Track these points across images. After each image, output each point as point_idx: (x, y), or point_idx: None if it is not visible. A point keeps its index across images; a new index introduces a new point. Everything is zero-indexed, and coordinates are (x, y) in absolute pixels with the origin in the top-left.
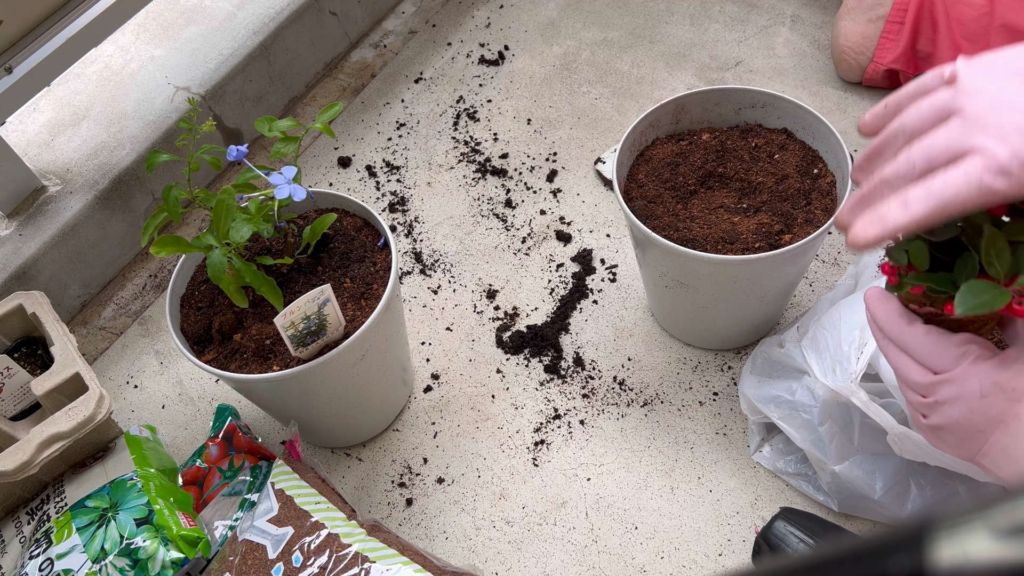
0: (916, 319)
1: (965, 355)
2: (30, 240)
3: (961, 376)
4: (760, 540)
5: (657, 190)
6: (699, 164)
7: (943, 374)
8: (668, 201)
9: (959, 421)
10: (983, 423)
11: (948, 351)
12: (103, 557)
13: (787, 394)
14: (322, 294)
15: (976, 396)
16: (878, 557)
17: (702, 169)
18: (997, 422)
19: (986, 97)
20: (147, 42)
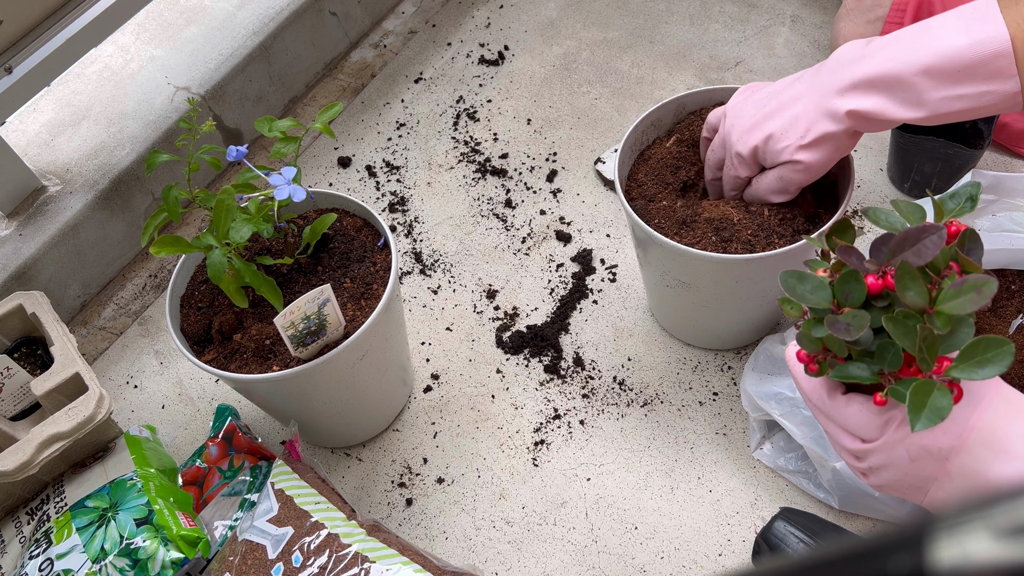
0: (837, 388)
1: (889, 423)
2: (30, 240)
3: (888, 444)
4: (760, 540)
5: (657, 189)
6: (700, 163)
7: (871, 443)
8: (669, 200)
9: (897, 482)
10: (919, 482)
11: (871, 420)
12: (103, 557)
13: (788, 391)
14: (322, 294)
15: (906, 461)
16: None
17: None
18: (932, 480)
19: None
20: (147, 42)
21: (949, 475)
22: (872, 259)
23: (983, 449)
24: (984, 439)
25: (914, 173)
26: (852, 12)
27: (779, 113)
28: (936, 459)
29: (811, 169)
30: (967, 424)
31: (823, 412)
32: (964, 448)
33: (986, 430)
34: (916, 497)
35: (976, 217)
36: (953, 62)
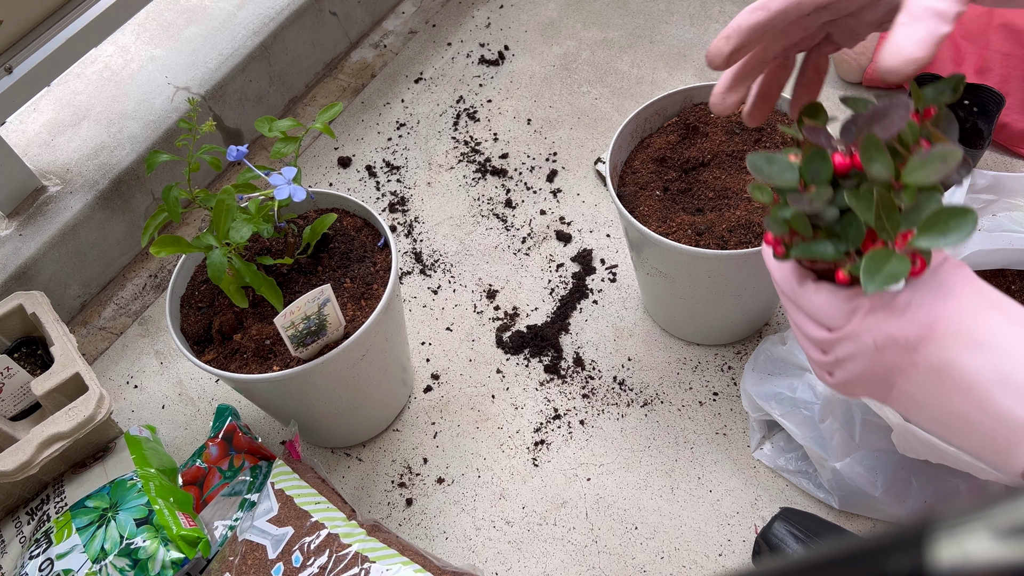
0: (808, 276)
1: (856, 310)
2: (30, 240)
3: (855, 332)
4: (760, 540)
5: (651, 178)
6: (695, 156)
7: (838, 331)
8: (660, 190)
9: (862, 375)
10: (885, 373)
11: (839, 307)
12: (103, 557)
13: (788, 391)
14: (322, 294)
15: (872, 350)
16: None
17: (698, 161)
18: (898, 372)
19: None
20: (147, 42)
21: (916, 367)
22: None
23: (952, 340)
24: (954, 330)
25: None
26: None
27: None
28: (903, 349)
29: None
30: (937, 314)
31: (792, 300)
32: (933, 339)
33: (956, 321)
34: (882, 393)
35: None
36: None
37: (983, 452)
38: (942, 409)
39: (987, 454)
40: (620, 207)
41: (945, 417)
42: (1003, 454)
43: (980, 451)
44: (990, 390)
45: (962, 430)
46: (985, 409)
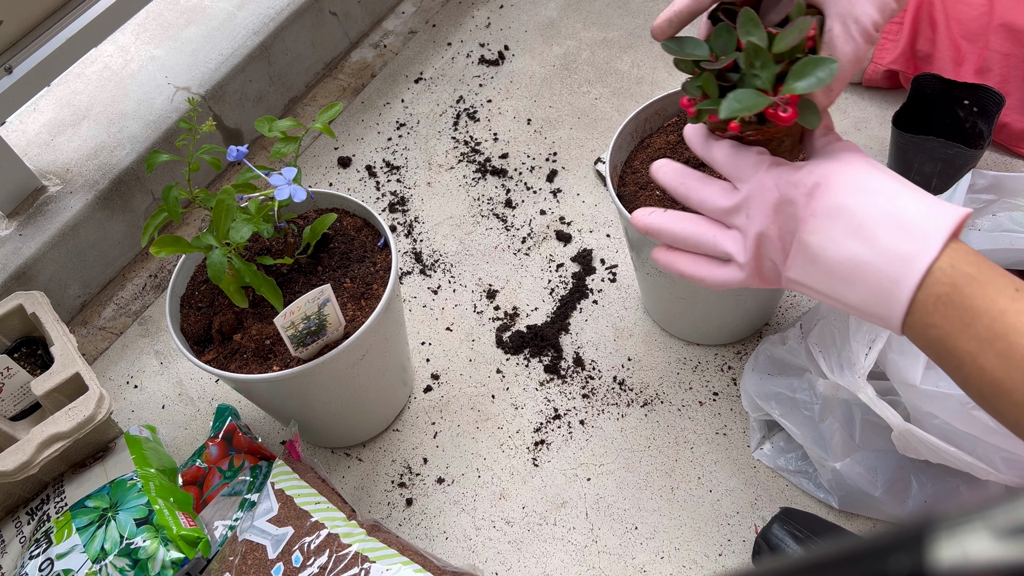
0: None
1: (761, 162)
2: (30, 240)
3: (760, 181)
4: (760, 540)
5: (649, 178)
6: (695, 156)
7: (744, 184)
8: (658, 190)
9: (763, 233)
10: (785, 224)
11: (747, 159)
12: (103, 557)
13: (788, 391)
14: (322, 294)
15: (776, 199)
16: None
17: (698, 161)
18: (797, 221)
19: None
20: (147, 42)
21: (814, 214)
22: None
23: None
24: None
25: (914, 173)
26: None
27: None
28: (803, 194)
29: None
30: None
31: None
32: (829, 186)
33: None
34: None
35: (976, 217)
36: None
37: (870, 300)
38: (835, 256)
39: (873, 301)
40: (620, 207)
41: (837, 266)
42: (887, 296)
43: (867, 299)
44: (878, 227)
45: (852, 277)
46: (873, 245)
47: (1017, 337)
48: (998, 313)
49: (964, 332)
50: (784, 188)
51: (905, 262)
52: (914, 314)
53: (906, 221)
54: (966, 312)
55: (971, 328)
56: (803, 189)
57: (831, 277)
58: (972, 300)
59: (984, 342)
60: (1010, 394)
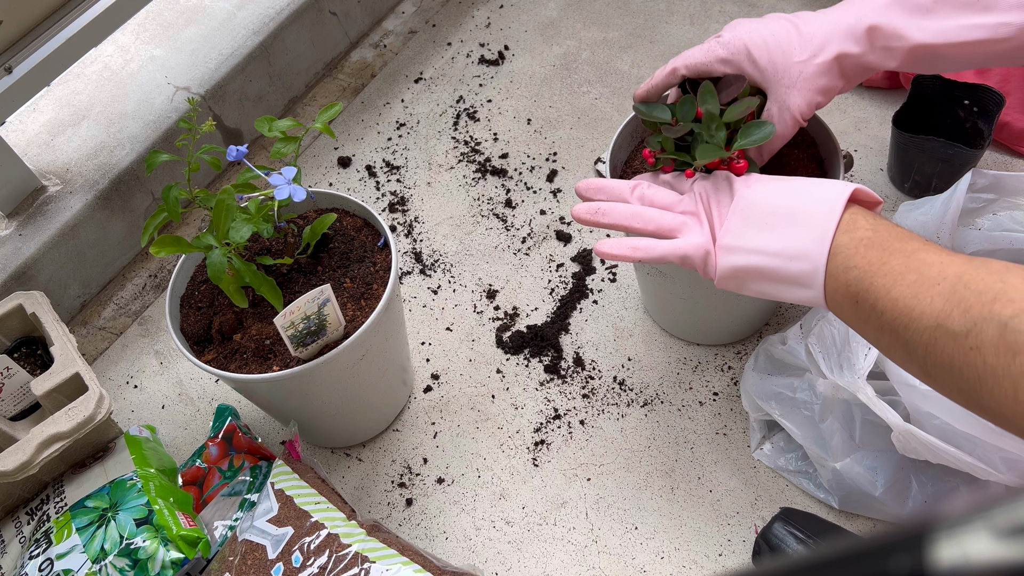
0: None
1: (696, 178)
2: (30, 240)
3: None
4: (760, 540)
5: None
6: None
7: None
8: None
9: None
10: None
11: (683, 180)
12: (103, 557)
13: (788, 391)
14: (322, 294)
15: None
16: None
17: None
18: (733, 193)
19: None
20: (147, 42)
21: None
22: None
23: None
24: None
25: (914, 173)
26: None
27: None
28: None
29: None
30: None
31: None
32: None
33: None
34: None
35: (976, 217)
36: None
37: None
38: (769, 208)
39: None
40: None
41: (768, 216)
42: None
43: (797, 238)
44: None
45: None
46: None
47: (927, 268)
48: (911, 251)
49: (881, 268)
50: (724, 175)
51: (829, 198)
52: (837, 257)
53: (825, 183)
54: (884, 251)
55: (887, 264)
56: (744, 177)
57: (763, 228)
58: (890, 242)
59: (898, 276)
60: (919, 319)
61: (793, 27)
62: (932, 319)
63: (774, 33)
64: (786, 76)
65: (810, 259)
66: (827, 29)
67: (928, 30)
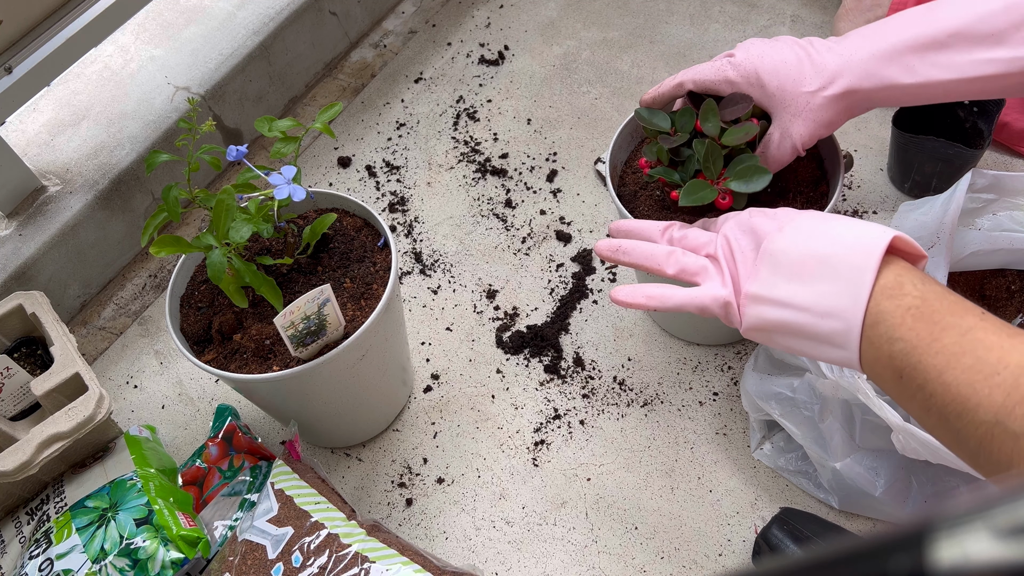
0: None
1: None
2: (30, 240)
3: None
4: (760, 540)
5: (648, 177)
6: None
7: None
8: (657, 189)
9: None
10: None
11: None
12: (103, 557)
13: (788, 391)
14: (322, 294)
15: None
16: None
17: None
18: (763, 235)
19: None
20: (147, 42)
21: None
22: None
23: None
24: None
25: (914, 173)
26: (852, 12)
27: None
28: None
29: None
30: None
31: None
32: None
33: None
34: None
35: (976, 217)
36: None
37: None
38: (799, 256)
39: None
40: (620, 207)
41: (798, 265)
42: (851, 282)
43: (829, 292)
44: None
45: (814, 272)
46: (833, 241)
47: (985, 352)
48: (966, 329)
49: (932, 346)
50: (755, 215)
51: (864, 247)
52: (879, 327)
53: (862, 226)
54: (934, 325)
55: (938, 342)
56: (774, 215)
57: (792, 279)
58: (941, 315)
59: (952, 356)
60: (975, 411)
61: (806, 55)
62: (990, 414)
63: (786, 61)
64: (793, 104)
65: (843, 318)
66: (839, 62)
67: (941, 66)
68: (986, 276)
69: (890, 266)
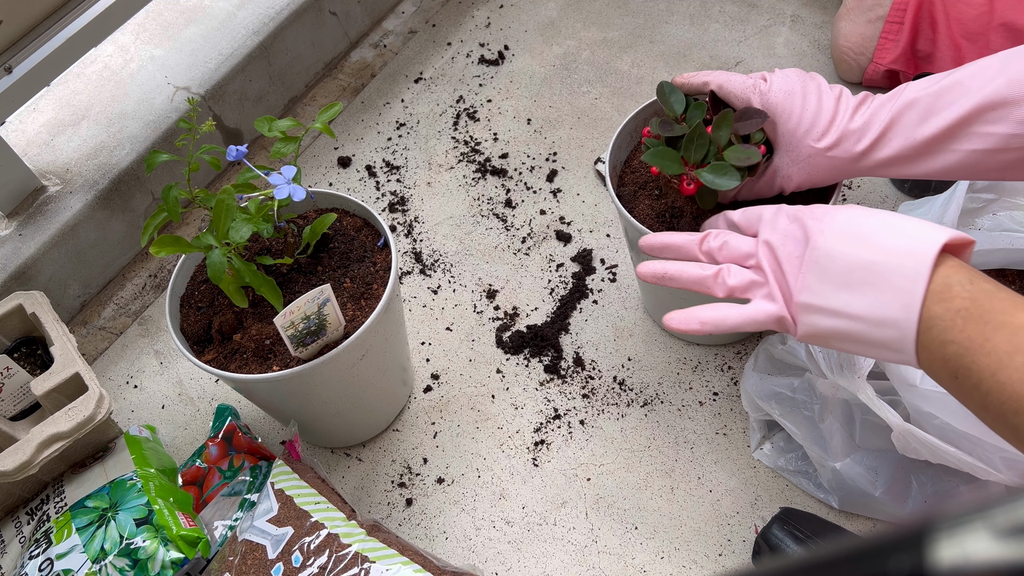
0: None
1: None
2: (30, 240)
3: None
4: (760, 540)
5: (650, 176)
6: None
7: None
8: (657, 189)
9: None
10: (795, 247)
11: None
12: (103, 557)
13: (788, 391)
14: (322, 294)
15: (786, 223)
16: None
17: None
18: (807, 241)
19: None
20: (147, 42)
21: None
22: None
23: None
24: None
25: None
26: (852, 12)
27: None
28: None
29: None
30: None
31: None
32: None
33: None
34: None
35: (976, 217)
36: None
37: (883, 302)
38: (846, 262)
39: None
40: (620, 207)
41: (847, 273)
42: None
43: (881, 303)
44: (885, 234)
45: (863, 281)
46: (881, 248)
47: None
48: (1017, 327)
49: (984, 346)
50: (794, 213)
51: (915, 256)
52: (932, 331)
53: (909, 227)
54: (985, 325)
55: (991, 342)
56: (812, 214)
57: (842, 288)
58: (991, 314)
59: (1004, 356)
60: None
61: (828, 109)
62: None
63: (808, 110)
64: (795, 151)
65: (898, 327)
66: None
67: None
68: None
69: (939, 268)
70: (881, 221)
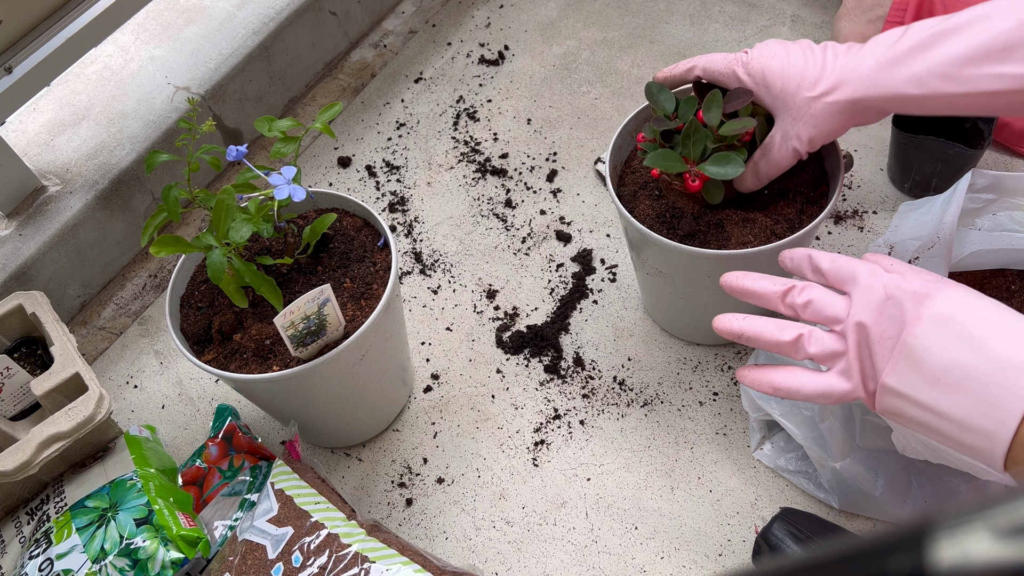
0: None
1: (874, 270)
2: (30, 240)
3: (868, 283)
4: (760, 540)
5: (649, 177)
6: None
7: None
8: (657, 189)
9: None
10: (887, 330)
11: (856, 264)
12: (103, 557)
13: None
14: (322, 294)
15: (882, 299)
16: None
17: None
18: (903, 324)
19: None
20: (147, 42)
21: (921, 318)
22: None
23: (953, 298)
24: (954, 293)
25: (914, 173)
26: (852, 11)
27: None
28: (910, 298)
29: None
30: (940, 283)
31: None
32: (937, 295)
33: (955, 290)
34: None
35: (976, 217)
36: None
37: (976, 410)
38: (941, 361)
39: (980, 411)
40: (620, 207)
41: (942, 372)
42: (997, 406)
43: (973, 410)
44: (990, 337)
45: (958, 385)
46: (984, 353)
47: None
48: None
49: None
50: (892, 290)
51: (1019, 372)
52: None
53: (1014, 335)
54: None
55: None
56: (911, 294)
57: (934, 384)
58: None
59: None
60: None
61: (815, 59)
62: None
63: (794, 64)
64: (794, 107)
65: (990, 438)
66: (846, 69)
67: (949, 79)
68: (986, 276)
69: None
70: (986, 318)
